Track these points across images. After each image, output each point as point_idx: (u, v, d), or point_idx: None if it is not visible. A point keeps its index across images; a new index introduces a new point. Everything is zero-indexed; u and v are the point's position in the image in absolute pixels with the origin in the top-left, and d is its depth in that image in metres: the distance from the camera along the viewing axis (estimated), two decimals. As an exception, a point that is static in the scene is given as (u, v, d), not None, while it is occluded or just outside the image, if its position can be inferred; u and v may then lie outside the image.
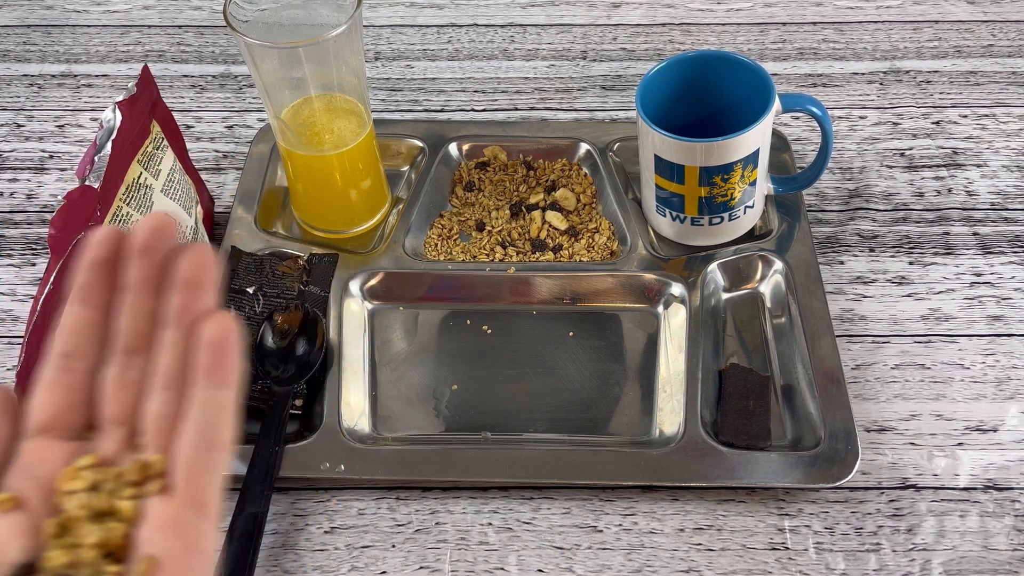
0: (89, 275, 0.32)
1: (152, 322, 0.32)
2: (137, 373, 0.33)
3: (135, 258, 0.32)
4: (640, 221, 0.70)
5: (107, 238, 0.32)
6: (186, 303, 0.32)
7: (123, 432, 0.33)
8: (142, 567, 0.30)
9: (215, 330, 0.31)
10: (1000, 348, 0.65)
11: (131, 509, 0.31)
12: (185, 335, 0.32)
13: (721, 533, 0.57)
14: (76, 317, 0.32)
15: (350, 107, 0.67)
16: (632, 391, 0.63)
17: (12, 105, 0.84)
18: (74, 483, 0.31)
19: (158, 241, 0.32)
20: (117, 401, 0.33)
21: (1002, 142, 0.77)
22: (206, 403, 0.31)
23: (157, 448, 0.32)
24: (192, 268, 0.32)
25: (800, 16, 0.89)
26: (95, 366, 0.33)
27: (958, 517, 0.57)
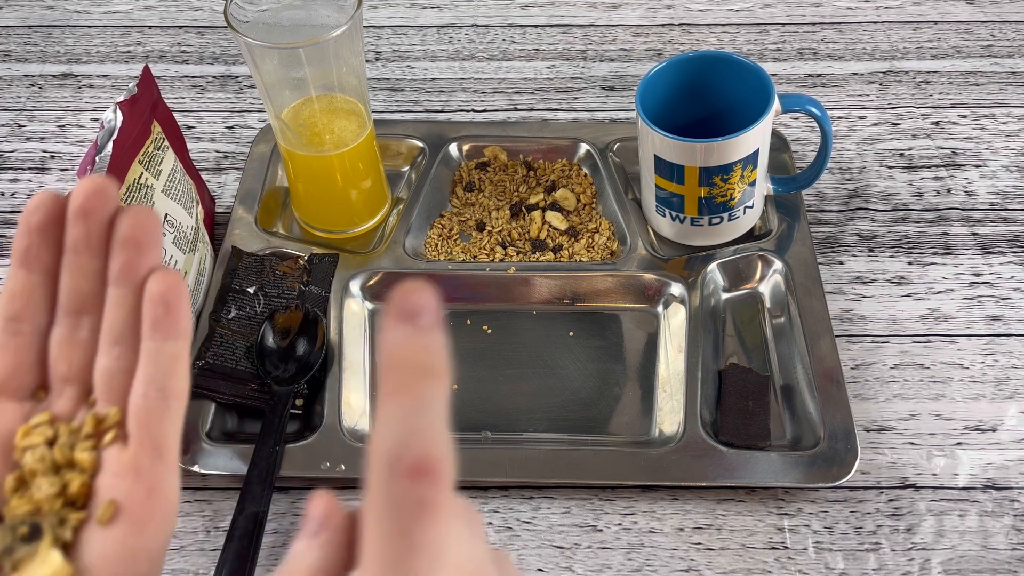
0: (27, 240, 0.32)
1: (96, 281, 0.33)
2: (86, 332, 0.33)
3: (73, 220, 0.32)
4: (640, 221, 0.70)
5: (43, 203, 0.32)
6: (130, 261, 0.32)
7: (75, 390, 0.33)
8: (104, 511, 0.30)
9: (161, 284, 0.31)
10: (999, 348, 0.65)
11: (89, 460, 0.31)
12: (132, 292, 0.32)
13: (721, 532, 0.57)
14: (16, 280, 0.33)
15: (350, 107, 0.67)
16: (632, 391, 0.63)
17: (13, 105, 0.84)
18: (31, 438, 0.32)
19: (97, 203, 0.32)
20: (67, 360, 0.33)
21: (1001, 142, 0.77)
22: (157, 354, 0.31)
23: (110, 403, 0.32)
24: (133, 227, 0.32)
25: (800, 17, 0.89)
26: (43, 328, 0.33)
27: (957, 517, 0.57)
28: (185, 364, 0.32)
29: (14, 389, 0.33)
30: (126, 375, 0.32)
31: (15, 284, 0.33)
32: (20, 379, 0.33)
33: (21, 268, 0.33)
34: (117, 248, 0.32)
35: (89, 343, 0.33)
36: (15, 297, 0.33)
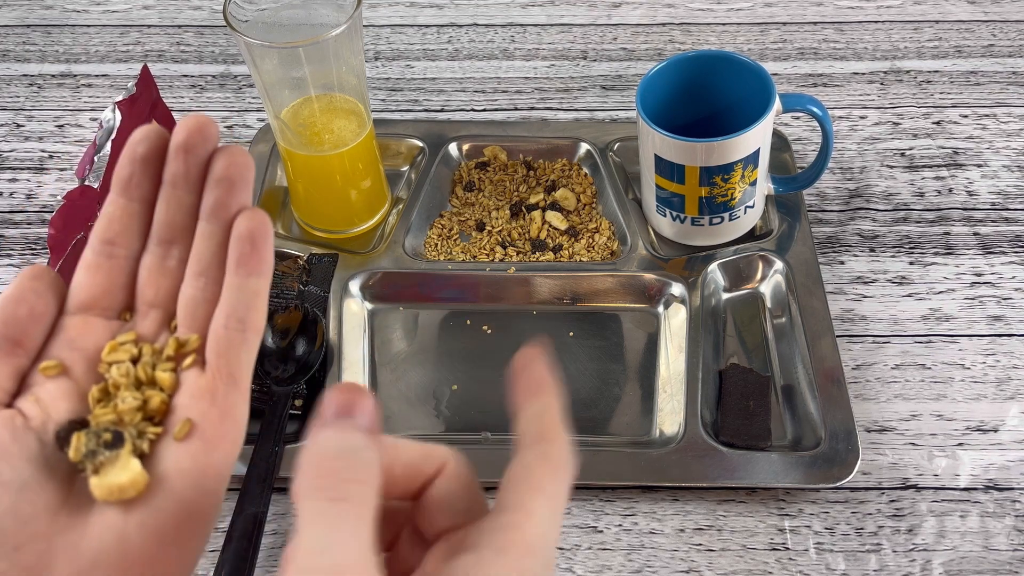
0: (130, 169, 0.34)
1: (189, 215, 0.34)
2: (174, 262, 0.35)
3: (174, 155, 0.34)
4: (640, 221, 0.70)
5: (149, 135, 0.34)
6: (222, 198, 0.33)
7: (159, 315, 0.35)
8: (180, 428, 0.32)
9: (249, 222, 0.33)
10: (1001, 348, 0.65)
11: (169, 379, 0.33)
12: (221, 228, 0.34)
13: (721, 533, 0.57)
14: (116, 206, 0.34)
15: (350, 107, 0.67)
16: (632, 391, 0.63)
17: (12, 105, 0.84)
18: (117, 354, 0.34)
19: (198, 140, 0.33)
20: (154, 286, 0.35)
21: (1002, 142, 0.77)
22: (240, 288, 0.33)
23: (189, 329, 0.34)
24: (228, 167, 0.33)
25: (800, 16, 0.89)
26: (135, 254, 0.35)
27: (959, 517, 0.57)
28: (264, 300, 0.34)
29: (103, 308, 0.35)
30: (208, 305, 0.34)
31: (114, 210, 0.34)
32: (110, 299, 0.35)
33: (121, 195, 0.34)
34: (211, 185, 0.34)
35: (176, 272, 0.35)
36: (112, 222, 0.34)
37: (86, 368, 0.34)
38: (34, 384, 0.33)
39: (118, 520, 0.31)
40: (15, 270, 0.72)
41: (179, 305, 0.34)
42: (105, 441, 0.31)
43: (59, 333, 0.34)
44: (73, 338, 0.34)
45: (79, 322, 0.34)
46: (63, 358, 0.34)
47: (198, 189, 0.34)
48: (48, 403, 0.33)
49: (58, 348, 0.34)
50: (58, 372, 0.33)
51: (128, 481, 0.31)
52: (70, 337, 0.34)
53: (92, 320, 0.34)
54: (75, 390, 0.33)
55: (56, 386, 0.33)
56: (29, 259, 0.72)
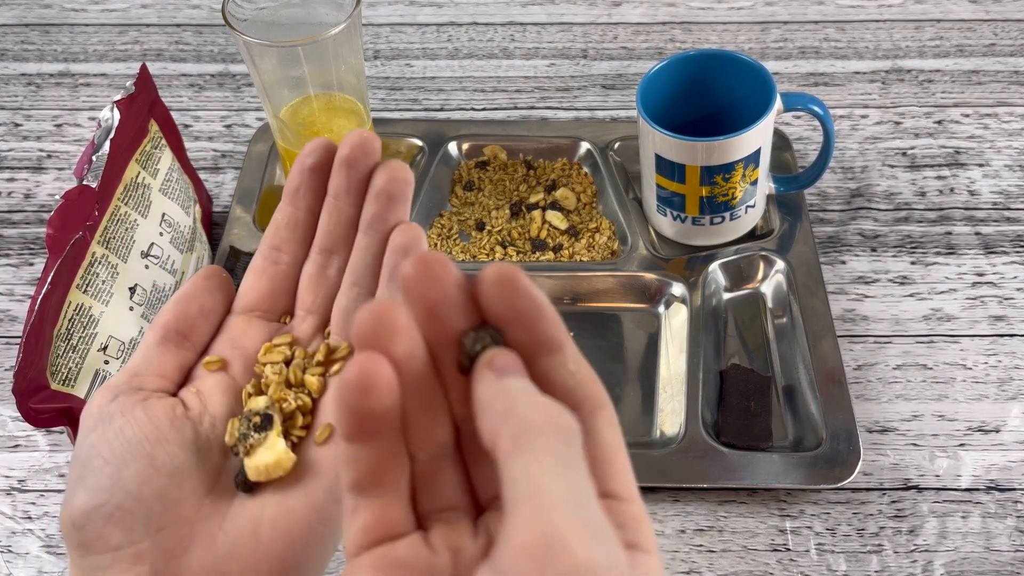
0: (299, 179, 0.36)
1: (349, 226, 0.36)
2: (333, 270, 0.37)
3: (338, 168, 0.35)
4: (641, 221, 0.70)
5: (318, 148, 0.36)
6: (380, 212, 0.35)
7: (315, 320, 0.37)
8: (321, 432, 0.34)
9: (404, 237, 0.35)
10: (1002, 348, 0.65)
11: (317, 383, 0.35)
12: (377, 240, 0.35)
13: (722, 534, 0.57)
14: (284, 214, 0.37)
15: (349, 106, 0.66)
16: (633, 391, 0.63)
17: (10, 104, 0.84)
18: (271, 355, 0.36)
19: (361, 155, 0.35)
20: (313, 293, 0.37)
21: (1004, 141, 0.77)
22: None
23: (342, 337, 0.36)
24: (388, 182, 0.35)
25: (802, 15, 0.89)
26: (298, 260, 0.37)
27: (960, 518, 0.57)
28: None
29: (265, 310, 0.37)
30: None
31: (282, 217, 0.37)
32: (272, 302, 0.37)
33: (289, 204, 0.36)
34: (371, 198, 0.35)
35: (335, 280, 0.37)
36: (280, 229, 0.37)
37: (244, 365, 0.36)
38: (197, 377, 0.35)
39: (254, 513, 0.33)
40: (13, 270, 0.72)
41: (333, 313, 0.36)
42: (255, 424, 0.33)
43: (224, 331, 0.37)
44: (236, 336, 0.36)
45: (242, 322, 0.37)
46: (225, 354, 0.36)
47: (359, 201, 0.35)
48: (207, 395, 0.35)
49: (221, 344, 0.36)
50: (219, 367, 0.36)
51: (274, 460, 0.33)
52: (233, 335, 0.36)
53: (254, 321, 0.37)
54: (232, 385, 0.35)
55: (216, 380, 0.35)
56: (27, 259, 0.72)
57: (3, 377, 0.66)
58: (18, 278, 0.71)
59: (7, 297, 0.70)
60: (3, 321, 0.69)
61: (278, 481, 0.33)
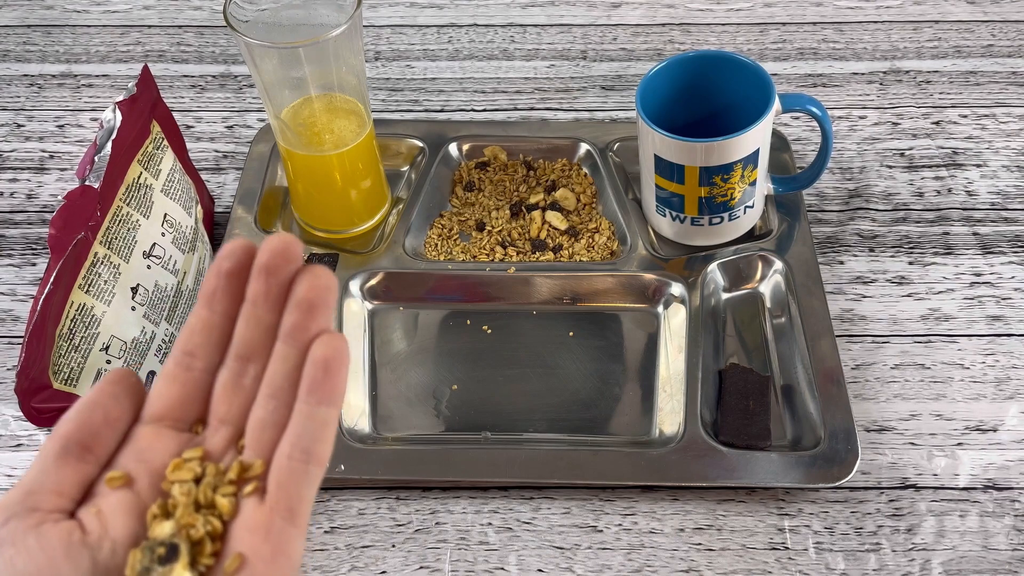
0: (215, 283, 0.34)
1: (268, 334, 0.34)
2: (249, 380, 0.34)
3: (256, 275, 0.34)
4: (640, 221, 0.70)
5: (236, 251, 0.34)
6: (301, 321, 0.33)
7: (229, 432, 0.34)
8: (231, 562, 0.32)
9: (325, 349, 0.33)
10: (1000, 348, 0.65)
11: (228, 505, 0.33)
12: (297, 351, 0.33)
13: (721, 533, 0.57)
14: (199, 319, 0.34)
15: (350, 107, 0.67)
16: (632, 391, 0.63)
17: (12, 105, 0.84)
18: (180, 472, 0.33)
19: (282, 261, 0.33)
20: (227, 403, 0.34)
21: (1002, 142, 0.77)
22: (308, 417, 0.33)
23: (256, 452, 0.34)
24: (310, 290, 0.33)
25: (800, 16, 0.89)
26: (212, 367, 0.35)
27: (958, 517, 0.57)
28: (332, 432, 0.33)
29: (176, 419, 0.34)
30: (277, 429, 0.33)
31: (196, 321, 0.34)
32: (183, 411, 0.35)
33: (204, 308, 0.34)
34: (291, 307, 0.33)
35: (251, 390, 0.34)
36: (194, 333, 0.34)
37: (150, 482, 0.33)
38: (98, 494, 0.33)
39: None
40: (16, 270, 0.72)
41: (248, 426, 0.34)
42: (159, 556, 0.31)
43: (130, 442, 0.34)
44: (143, 448, 0.34)
45: (151, 432, 0.34)
46: (130, 469, 0.33)
47: (279, 308, 0.34)
48: (108, 517, 0.32)
49: (127, 458, 0.34)
50: (122, 484, 0.33)
51: None
52: (140, 447, 0.34)
53: (163, 431, 0.34)
54: (136, 504, 0.33)
55: (118, 499, 0.33)
56: (30, 259, 0.73)
57: (5, 376, 0.66)
58: (20, 278, 0.72)
59: (9, 297, 0.71)
60: (5, 321, 0.69)
61: None
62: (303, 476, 0.32)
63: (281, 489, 0.32)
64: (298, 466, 0.32)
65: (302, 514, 0.32)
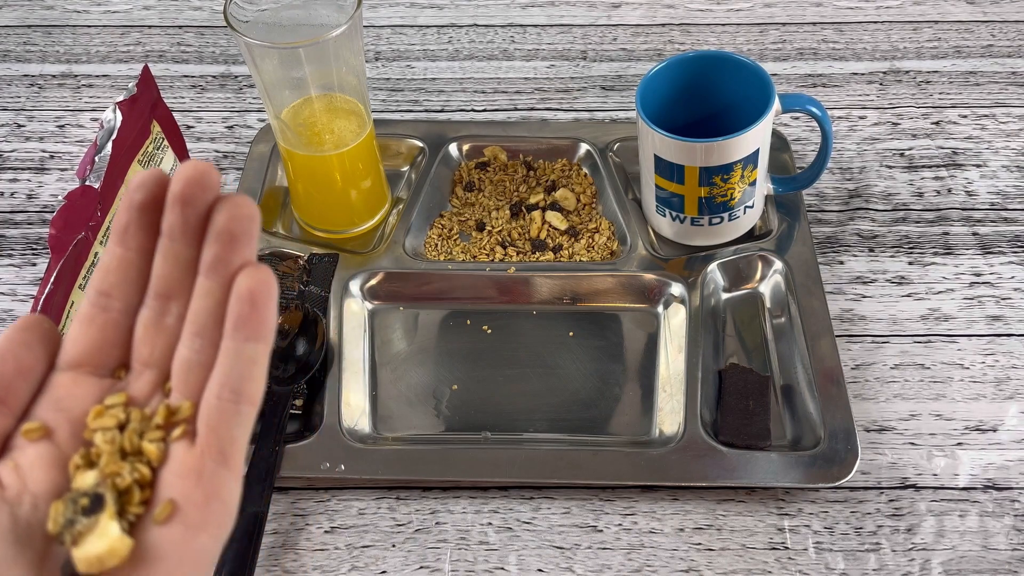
0: (127, 217, 0.32)
1: (188, 270, 0.32)
2: (172, 319, 0.32)
3: (171, 206, 0.31)
4: (640, 221, 0.70)
5: (148, 181, 0.31)
6: (222, 254, 0.31)
7: (154, 375, 0.33)
8: (161, 510, 0.30)
9: (250, 281, 0.31)
10: (1000, 348, 0.65)
11: (155, 451, 0.31)
12: (220, 285, 0.31)
13: (721, 533, 0.57)
14: (113, 256, 0.32)
15: (350, 107, 0.67)
16: (632, 391, 0.63)
17: (12, 105, 0.84)
18: (103, 420, 0.31)
19: (196, 191, 0.31)
20: (150, 344, 0.33)
21: (1002, 142, 0.77)
22: (236, 354, 0.31)
23: (183, 394, 0.32)
24: (230, 220, 0.31)
25: (800, 16, 0.89)
26: (131, 307, 0.33)
27: (958, 517, 0.57)
28: (263, 369, 0.31)
29: (95, 365, 0.33)
30: (204, 369, 0.32)
31: (110, 260, 0.32)
32: (103, 356, 0.33)
33: (118, 245, 0.32)
34: (211, 238, 0.31)
35: (174, 329, 0.32)
36: (109, 273, 0.32)
37: (71, 432, 0.32)
38: (15, 447, 0.31)
39: None
40: (16, 270, 0.72)
41: (173, 367, 0.32)
42: (83, 507, 0.29)
43: (47, 391, 0.32)
44: (61, 397, 0.32)
45: (69, 380, 0.32)
46: (48, 420, 0.31)
47: (198, 242, 0.31)
48: (26, 470, 0.30)
49: (44, 408, 0.32)
50: (41, 436, 0.31)
51: (107, 548, 0.29)
52: (58, 396, 0.32)
53: (82, 378, 0.32)
54: (57, 456, 0.31)
55: (37, 451, 0.31)
56: (30, 259, 0.73)
57: (6, 377, 0.66)
58: (21, 278, 0.72)
59: (10, 297, 0.71)
60: (6, 321, 0.69)
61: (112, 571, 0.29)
62: (234, 416, 0.31)
63: (211, 431, 0.31)
64: (228, 406, 0.31)
65: (235, 456, 0.31)
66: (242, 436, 0.31)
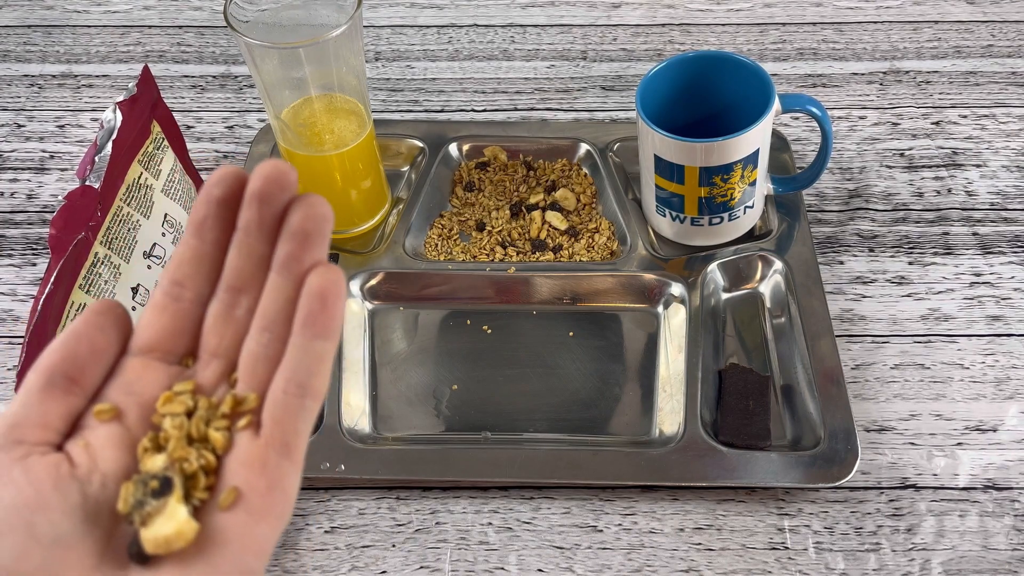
0: (205, 211, 0.32)
1: (260, 265, 0.33)
2: (242, 312, 0.33)
3: (248, 203, 0.32)
4: (640, 221, 0.70)
5: (225, 178, 0.32)
6: (295, 252, 0.32)
7: (221, 365, 0.33)
8: (225, 496, 0.31)
9: (321, 280, 0.31)
10: (1000, 348, 0.65)
11: (222, 439, 0.32)
12: (291, 283, 0.32)
13: (721, 533, 0.57)
14: (188, 248, 0.33)
15: (350, 107, 0.67)
16: (632, 391, 0.63)
17: (13, 105, 0.84)
18: (172, 406, 0.32)
19: (276, 189, 0.32)
20: (219, 335, 0.33)
21: (1002, 142, 0.77)
22: (304, 350, 0.31)
23: (249, 386, 0.33)
24: (305, 219, 0.32)
25: (800, 16, 0.89)
26: (203, 298, 0.33)
27: (957, 517, 0.57)
28: (329, 365, 0.32)
29: (165, 352, 0.33)
30: (271, 362, 0.32)
31: (185, 251, 0.33)
32: (172, 343, 0.33)
33: (194, 237, 0.33)
34: (285, 236, 0.32)
35: (243, 322, 0.33)
36: (183, 263, 0.33)
37: (140, 415, 0.32)
38: (86, 427, 0.32)
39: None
40: (16, 270, 0.72)
41: (240, 359, 0.33)
42: (152, 489, 0.30)
43: (118, 374, 0.33)
44: (131, 381, 0.33)
45: (139, 364, 0.33)
46: (119, 402, 0.32)
47: (272, 239, 0.32)
48: (97, 450, 0.31)
49: (115, 390, 0.32)
50: (111, 417, 0.32)
51: (175, 531, 0.29)
52: (128, 380, 0.33)
53: (152, 364, 0.33)
54: (126, 438, 0.32)
55: (107, 432, 0.32)
56: (30, 259, 0.73)
57: (6, 377, 0.66)
58: (21, 278, 0.72)
59: (10, 297, 0.71)
60: (6, 321, 0.69)
61: (178, 553, 0.30)
62: (299, 410, 0.31)
63: (276, 423, 0.31)
64: (293, 400, 0.31)
65: (298, 448, 0.32)
66: (305, 430, 0.32)
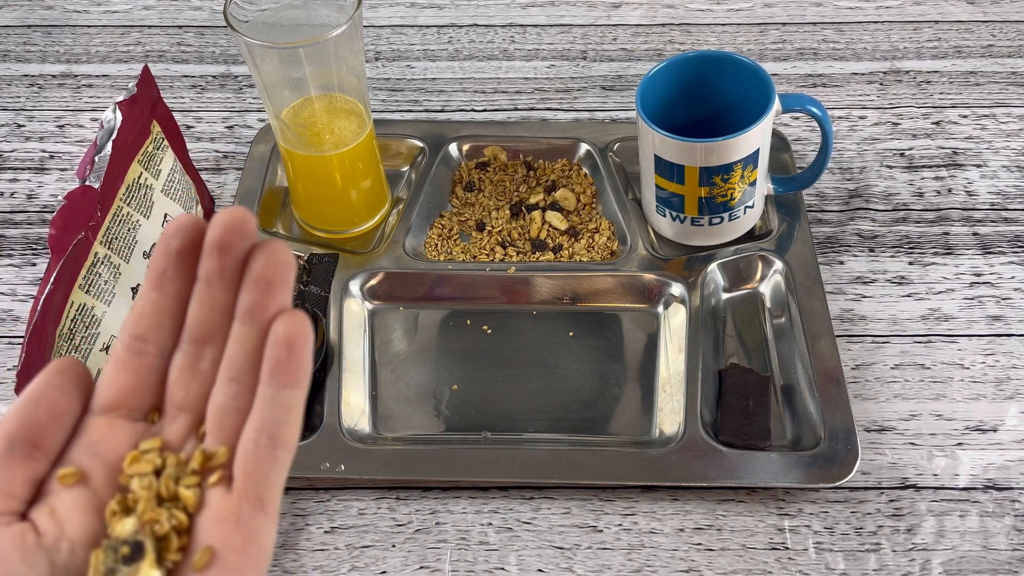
0: (164, 262, 0.32)
1: (224, 315, 0.32)
2: (207, 363, 0.33)
3: (208, 252, 0.31)
4: (640, 221, 0.70)
5: (185, 227, 0.31)
6: (259, 300, 0.31)
7: (188, 419, 0.33)
8: (200, 556, 0.30)
9: (286, 328, 0.31)
10: (1000, 348, 0.65)
11: (192, 497, 0.31)
12: (256, 331, 0.31)
13: (721, 533, 0.57)
14: (148, 301, 0.32)
15: (350, 107, 0.67)
16: (632, 391, 0.63)
17: (12, 105, 0.84)
18: (139, 465, 0.31)
19: (234, 238, 0.31)
20: (184, 388, 0.33)
21: (1002, 142, 0.77)
22: (273, 401, 0.31)
23: (218, 439, 0.32)
24: (267, 267, 0.31)
25: (800, 16, 0.89)
26: (166, 351, 0.33)
27: (958, 517, 0.57)
28: (299, 415, 0.31)
29: (129, 408, 0.33)
30: (239, 414, 0.32)
31: (146, 304, 0.32)
32: (137, 399, 0.33)
33: (154, 290, 0.32)
34: (248, 285, 0.31)
35: (208, 374, 0.33)
36: (144, 317, 0.32)
37: (107, 477, 0.31)
38: (50, 492, 0.31)
39: None
40: (16, 270, 0.72)
41: (208, 413, 0.32)
42: (123, 555, 0.29)
43: (81, 435, 0.32)
44: (95, 441, 0.32)
45: (103, 423, 0.32)
46: (83, 464, 0.31)
47: (234, 287, 0.32)
48: (63, 516, 0.30)
49: (79, 452, 0.32)
50: (76, 480, 0.31)
51: None
52: (92, 440, 0.32)
53: (117, 422, 0.32)
54: (93, 501, 0.31)
55: (73, 496, 0.31)
56: (30, 259, 0.73)
57: (6, 377, 0.66)
58: (21, 278, 0.72)
59: (10, 297, 0.71)
60: (6, 321, 0.69)
61: None
62: (271, 462, 0.31)
63: (249, 476, 0.31)
64: (265, 452, 0.31)
65: (271, 502, 0.31)
66: (278, 482, 0.31)
